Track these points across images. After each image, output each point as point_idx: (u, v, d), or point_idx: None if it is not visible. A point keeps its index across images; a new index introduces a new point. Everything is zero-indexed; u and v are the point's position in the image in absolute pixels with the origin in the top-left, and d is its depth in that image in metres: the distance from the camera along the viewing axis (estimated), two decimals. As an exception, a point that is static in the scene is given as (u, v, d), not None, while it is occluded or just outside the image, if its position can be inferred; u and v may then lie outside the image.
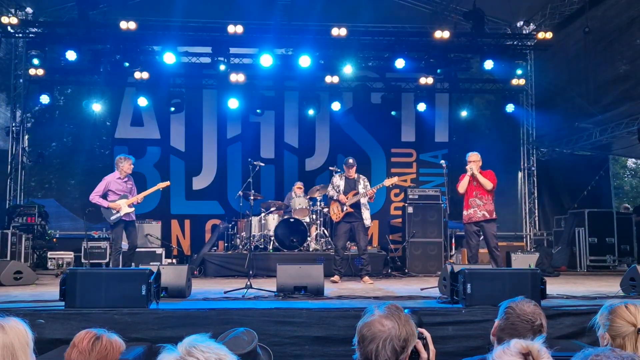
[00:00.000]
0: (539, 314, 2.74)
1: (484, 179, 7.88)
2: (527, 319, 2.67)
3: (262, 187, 11.76)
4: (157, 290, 5.60)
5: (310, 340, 5.04)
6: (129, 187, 8.12)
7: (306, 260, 9.44)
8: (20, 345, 1.84)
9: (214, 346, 1.55)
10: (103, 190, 7.96)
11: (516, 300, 2.77)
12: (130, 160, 8.10)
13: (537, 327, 2.67)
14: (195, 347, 1.51)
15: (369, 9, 11.13)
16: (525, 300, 2.78)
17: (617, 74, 10.45)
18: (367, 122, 12.87)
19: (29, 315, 4.76)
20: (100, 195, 7.93)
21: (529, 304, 2.76)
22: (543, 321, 2.72)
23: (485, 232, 7.88)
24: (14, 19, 10.52)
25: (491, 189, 7.93)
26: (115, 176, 8.08)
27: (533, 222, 13.11)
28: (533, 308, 2.74)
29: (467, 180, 7.94)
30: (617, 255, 11.40)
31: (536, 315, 2.71)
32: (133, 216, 8.17)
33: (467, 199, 7.99)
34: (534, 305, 2.77)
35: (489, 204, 7.91)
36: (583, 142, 11.47)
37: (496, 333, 2.76)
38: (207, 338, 1.59)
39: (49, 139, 12.61)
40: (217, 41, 10.99)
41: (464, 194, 8.00)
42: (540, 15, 11.77)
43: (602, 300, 5.88)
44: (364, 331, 2.09)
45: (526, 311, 2.70)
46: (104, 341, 2.39)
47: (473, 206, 7.91)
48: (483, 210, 7.87)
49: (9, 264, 8.21)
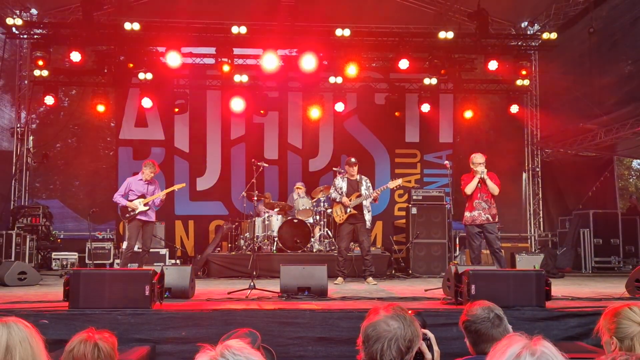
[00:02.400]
0: (489, 307, 2.74)
1: (493, 184, 7.80)
2: (482, 318, 2.69)
3: (265, 188, 11.76)
4: (161, 290, 5.60)
5: (313, 341, 5.03)
6: (152, 189, 8.29)
7: (310, 261, 9.42)
8: (36, 341, 1.88)
9: (247, 350, 1.61)
10: (125, 190, 8.23)
11: (465, 312, 2.78)
12: (152, 169, 8.30)
13: (495, 320, 2.68)
14: (227, 350, 1.58)
15: (373, 10, 11.12)
16: (473, 305, 2.79)
17: (622, 75, 10.40)
18: (371, 122, 12.86)
19: (33, 316, 4.77)
20: (122, 195, 8.21)
21: (476, 305, 2.77)
22: (496, 311, 2.72)
23: (488, 235, 7.82)
24: (18, 20, 10.56)
25: (498, 193, 7.88)
26: (137, 178, 8.35)
27: (537, 223, 13.07)
28: (481, 307, 2.75)
29: (476, 183, 7.86)
30: (622, 257, 11.37)
31: (487, 310, 2.72)
32: (152, 217, 8.32)
33: (471, 201, 7.90)
34: (482, 303, 2.78)
35: (492, 208, 7.86)
36: (588, 142, 11.41)
37: (473, 351, 2.75)
38: (242, 343, 1.67)
39: (53, 140, 12.63)
40: (221, 42, 10.99)
41: (469, 195, 7.94)
42: (544, 15, 11.74)
43: (607, 302, 5.86)
44: (369, 331, 2.09)
45: (477, 313, 2.72)
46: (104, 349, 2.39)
47: (478, 209, 7.84)
48: (487, 214, 7.82)
49: (13, 265, 8.24)
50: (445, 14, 11.83)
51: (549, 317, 5.27)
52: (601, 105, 10.76)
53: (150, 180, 8.29)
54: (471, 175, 7.93)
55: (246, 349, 1.61)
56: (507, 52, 11.55)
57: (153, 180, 8.35)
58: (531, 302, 5.37)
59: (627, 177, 23.42)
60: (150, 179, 8.27)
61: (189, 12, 10.86)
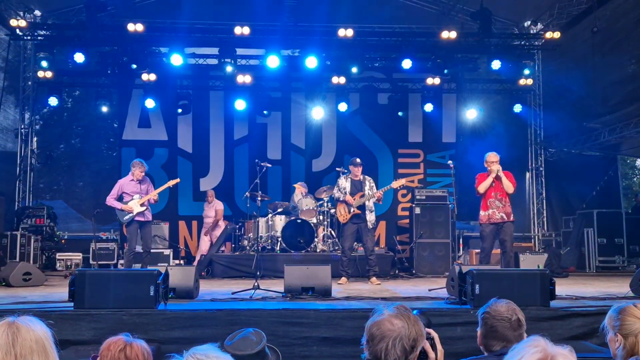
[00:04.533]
0: (514, 309, 2.79)
1: (508, 181, 7.81)
2: (503, 317, 2.73)
3: (269, 188, 11.77)
4: (165, 291, 5.62)
5: (318, 340, 5.04)
6: (144, 188, 8.26)
7: (314, 261, 9.43)
8: (48, 341, 1.90)
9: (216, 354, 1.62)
10: (117, 192, 8.17)
11: (490, 304, 2.82)
12: (141, 167, 8.24)
13: (514, 323, 2.73)
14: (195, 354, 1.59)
15: (376, 10, 11.12)
16: (499, 301, 2.83)
17: (625, 74, 10.39)
18: (374, 122, 12.85)
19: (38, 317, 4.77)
20: (115, 197, 8.15)
21: (501, 303, 2.81)
22: (519, 316, 2.77)
23: (504, 234, 7.80)
24: (22, 21, 10.59)
25: (513, 192, 7.88)
26: (128, 179, 8.28)
27: (541, 223, 13.05)
28: (506, 306, 2.79)
29: (490, 181, 7.85)
30: (626, 256, 11.34)
31: (511, 311, 2.76)
32: (149, 216, 8.30)
33: (485, 199, 7.89)
34: (507, 303, 2.82)
35: (507, 206, 7.85)
36: (591, 142, 11.39)
37: (481, 342, 2.81)
38: (213, 347, 1.68)
39: (57, 141, 12.68)
40: (224, 42, 11.01)
41: (483, 194, 7.93)
42: (548, 15, 11.71)
43: (611, 301, 5.85)
44: (373, 330, 2.09)
45: (501, 311, 2.76)
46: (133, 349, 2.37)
47: (492, 207, 7.83)
48: (502, 212, 7.81)
49: (18, 265, 8.27)
50: (448, 14, 11.82)
51: (553, 317, 5.28)
52: (605, 104, 10.75)
53: (142, 178, 8.25)
54: (486, 174, 7.92)
55: (213, 351, 1.61)
56: (510, 52, 11.54)
57: (144, 178, 8.31)
58: (535, 301, 5.38)
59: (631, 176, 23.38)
60: (141, 178, 8.24)
61: (192, 13, 10.87)
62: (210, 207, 11.23)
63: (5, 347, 1.79)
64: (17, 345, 1.81)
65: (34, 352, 1.83)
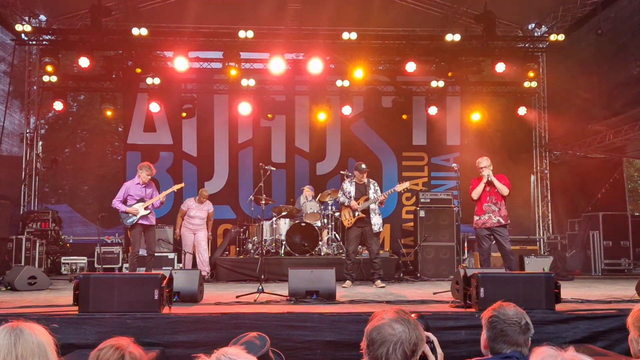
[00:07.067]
0: (522, 313, 2.78)
1: (501, 184, 7.79)
2: (513, 321, 2.71)
3: (273, 192, 11.77)
4: (170, 294, 5.62)
5: (322, 344, 5.03)
6: (149, 192, 8.25)
7: (318, 264, 9.41)
8: (50, 347, 1.92)
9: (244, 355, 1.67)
10: (123, 195, 8.16)
11: (496, 307, 2.80)
12: (149, 171, 8.21)
13: (524, 327, 2.72)
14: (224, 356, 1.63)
15: (379, 13, 11.12)
16: (505, 304, 2.82)
17: (630, 76, 10.34)
18: (378, 125, 12.86)
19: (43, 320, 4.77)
20: (121, 200, 8.13)
21: (509, 307, 2.79)
22: (527, 319, 2.76)
23: (500, 238, 7.78)
24: (27, 26, 10.63)
25: (508, 194, 7.86)
26: (135, 182, 8.26)
27: (546, 226, 13.00)
28: (514, 310, 2.78)
29: (482, 187, 7.85)
30: (632, 259, 11.28)
31: (520, 315, 2.75)
32: (153, 220, 8.28)
33: (480, 204, 7.88)
34: (514, 307, 2.80)
35: (503, 210, 7.83)
36: (596, 144, 11.34)
37: (487, 345, 2.78)
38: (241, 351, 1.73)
39: (62, 145, 12.73)
40: (228, 46, 11.04)
41: (477, 199, 7.91)
42: (552, 17, 11.69)
43: (617, 304, 5.82)
44: (373, 335, 2.09)
45: (510, 315, 2.74)
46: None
47: (487, 212, 7.81)
48: (498, 217, 7.79)
49: (23, 269, 8.29)
50: (452, 17, 11.81)
51: (558, 320, 5.25)
52: (610, 106, 10.70)
53: (148, 182, 8.23)
54: (480, 179, 7.92)
55: (242, 353, 1.63)
56: (514, 54, 11.52)
57: (150, 182, 8.29)
58: (541, 304, 5.35)
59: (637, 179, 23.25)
60: (147, 182, 8.22)
61: (196, 17, 10.90)
62: (202, 208, 10.47)
63: (6, 348, 1.81)
64: (19, 347, 1.82)
65: (35, 355, 1.84)
